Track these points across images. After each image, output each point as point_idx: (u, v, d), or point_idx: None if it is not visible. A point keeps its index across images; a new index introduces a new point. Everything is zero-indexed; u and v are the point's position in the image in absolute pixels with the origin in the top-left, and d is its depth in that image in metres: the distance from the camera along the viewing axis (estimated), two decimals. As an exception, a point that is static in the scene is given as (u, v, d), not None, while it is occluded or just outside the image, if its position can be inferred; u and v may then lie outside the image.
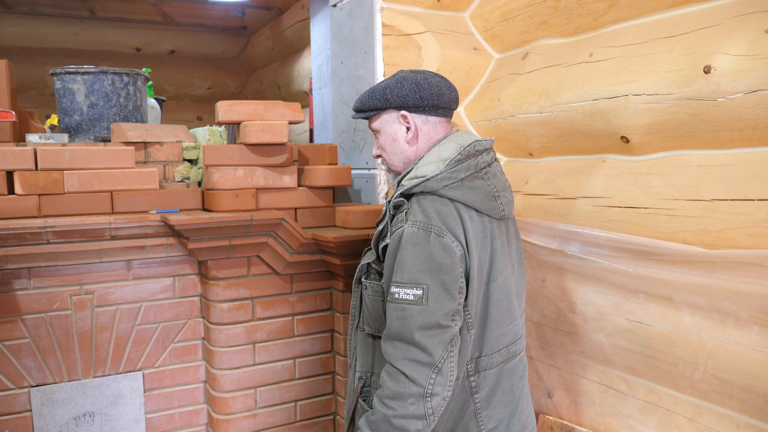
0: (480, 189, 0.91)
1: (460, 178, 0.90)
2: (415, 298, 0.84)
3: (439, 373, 0.83)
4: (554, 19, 1.33)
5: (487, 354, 0.93)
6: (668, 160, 1.08)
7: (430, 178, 0.89)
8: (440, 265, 0.84)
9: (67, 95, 1.45)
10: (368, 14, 1.50)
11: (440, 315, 0.83)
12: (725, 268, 0.95)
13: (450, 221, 0.87)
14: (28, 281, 1.24)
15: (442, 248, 0.84)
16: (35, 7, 3.20)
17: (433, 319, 0.83)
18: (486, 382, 0.93)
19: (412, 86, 0.94)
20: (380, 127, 0.99)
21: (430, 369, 0.83)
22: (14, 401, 1.25)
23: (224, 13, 3.49)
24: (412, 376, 0.83)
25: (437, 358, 0.83)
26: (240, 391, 1.40)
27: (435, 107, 0.95)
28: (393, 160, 0.99)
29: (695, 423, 1.02)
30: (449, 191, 0.89)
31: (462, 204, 0.89)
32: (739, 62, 0.92)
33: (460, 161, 0.90)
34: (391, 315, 0.86)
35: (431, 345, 0.83)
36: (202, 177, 1.46)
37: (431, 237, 0.85)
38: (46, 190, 1.24)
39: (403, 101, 0.94)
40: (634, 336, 1.11)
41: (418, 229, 0.86)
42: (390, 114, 0.97)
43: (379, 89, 0.96)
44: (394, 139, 0.97)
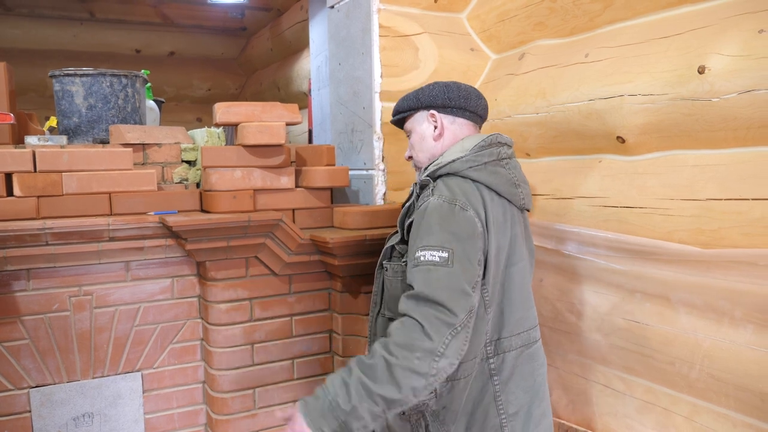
0: (501, 174, 0.96)
1: (483, 161, 0.94)
2: (441, 260, 0.84)
3: (456, 336, 0.81)
4: (550, 20, 1.33)
5: (507, 336, 0.94)
6: (663, 160, 1.08)
7: (455, 160, 0.94)
8: (464, 235, 0.86)
9: (66, 97, 1.46)
10: (365, 15, 1.51)
11: (465, 280, 0.84)
12: (720, 268, 0.95)
13: (473, 199, 0.90)
14: (27, 282, 1.25)
15: (465, 221, 0.87)
16: (35, 9, 3.21)
17: (458, 283, 0.83)
18: (506, 365, 0.94)
19: (442, 88, 1.01)
20: (411, 127, 1.05)
21: (448, 328, 0.81)
22: (13, 402, 1.26)
23: (223, 15, 3.50)
24: (429, 330, 0.80)
25: (459, 320, 0.81)
26: (239, 392, 1.40)
27: (462, 109, 1.01)
28: (420, 157, 1.04)
29: (692, 422, 1.02)
30: (473, 172, 0.93)
31: (485, 186, 0.93)
32: (733, 62, 0.92)
33: (483, 147, 0.96)
34: (414, 277, 0.85)
35: (455, 306, 0.82)
36: (200, 178, 1.47)
37: (456, 209, 0.88)
38: (44, 191, 1.25)
39: (432, 100, 1.01)
40: (631, 335, 1.11)
41: (444, 202, 0.89)
42: (420, 114, 1.03)
43: (412, 93, 1.05)
44: (423, 137, 1.03)
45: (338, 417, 0.80)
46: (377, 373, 0.80)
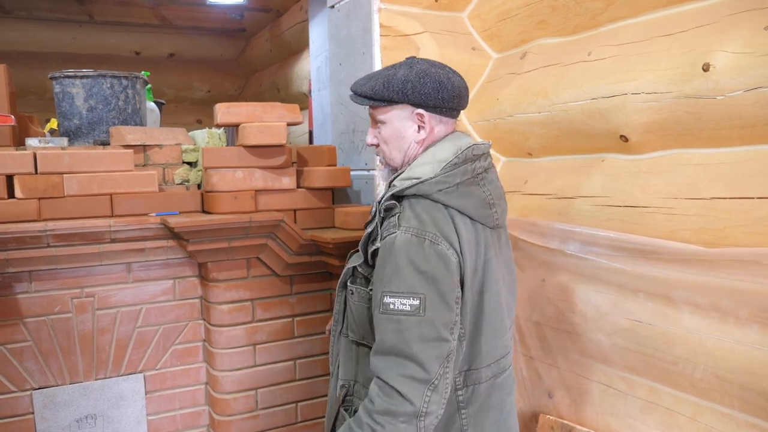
0: (475, 196, 0.87)
1: (455, 183, 0.85)
2: (411, 308, 0.78)
3: (435, 390, 0.78)
4: (552, 19, 1.33)
5: (477, 368, 0.89)
6: (667, 159, 1.08)
7: (425, 181, 0.84)
8: (436, 275, 0.79)
9: (66, 99, 1.46)
10: (366, 15, 1.50)
11: (440, 326, 0.79)
12: (724, 267, 0.95)
13: (444, 228, 0.82)
14: (29, 284, 1.25)
15: (438, 256, 0.80)
16: (34, 11, 3.21)
17: (432, 331, 0.78)
18: (475, 397, 0.88)
19: (435, 85, 0.86)
20: (387, 120, 0.90)
21: (425, 386, 0.78)
22: (16, 404, 1.26)
23: (223, 16, 3.49)
24: (407, 394, 0.77)
25: (434, 374, 0.78)
26: (241, 393, 1.40)
27: (452, 109, 0.90)
28: (394, 156, 0.92)
29: (695, 422, 1.02)
30: (443, 196, 0.84)
31: (456, 210, 0.84)
32: (737, 60, 0.91)
33: (456, 165, 0.85)
34: (384, 328, 0.80)
35: (428, 360, 0.78)
36: (201, 179, 1.46)
37: (426, 244, 0.80)
38: (45, 193, 1.25)
39: (423, 100, 0.87)
40: (634, 335, 1.11)
41: (412, 236, 0.81)
42: (404, 110, 0.89)
43: (398, 81, 0.87)
44: (401, 136, 0.90)
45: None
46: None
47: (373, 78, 0.90)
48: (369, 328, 0.88)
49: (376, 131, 0.94)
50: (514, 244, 1.37)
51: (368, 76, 0.92)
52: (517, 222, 1.35)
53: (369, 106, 0.91)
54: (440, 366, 0.79)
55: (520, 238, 1.34)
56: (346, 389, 0.93)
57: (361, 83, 0.92)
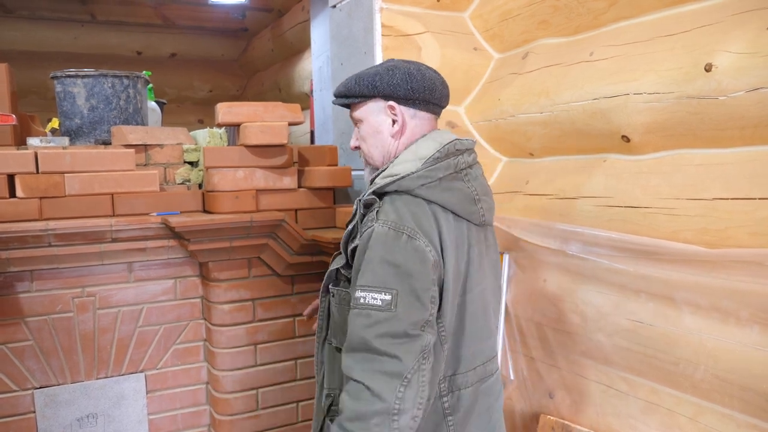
0: (459, 191, 0.84)
1: (438, 177, 0.82)
2: (382, 303, 0.74)
3: (409, 385, 0.72)
4: (554, 19, 1.33)
5: (463, 372, 0.85)
6: (669, 159, 1.08)
7: (405, 176, 0.81)
8: (411, 270, 0.76)
9: (68, 98, 1.46)
10: (367, 15, 1.50)
11: (407, 324, 0.74)
12: (726, 268, 0.95)
13: (424, 224, 0.79)
14: (30, 284, 1.25)
15: (414, 251, 0.76)
16: (35, 11, 3.21)
17: (400, 328, 0.74)
18: (461, 403, 0.85)
19: (404, 76, 0.86)
20: (363, 117, 0.90)
21: (398, 381, 0.72)
22: (18, 403, 1.26)
23: (225, 16, 3.50)
24: (377, 390, 0.72)
25: (407, 367, 0.73)
26: (242, 392, 1.40)
27: (425, 102, 0.87)
28: (373, 153, 0.90)
29: (696, 423, 1.02)
30: (425, 191, 0.81)
31: (439, 206, 0.81)
32: (740, 60, 0.91)
33: (438, 159, 0.83)
34: (353, 322, 0.76)
35: (399, 352, 0.73)
36: (202, 179, 1.46)
37: (402, 238, 0.76)
38: (47, 193, 1.25)
39: (392, 90, 0.86)
40: (635, 336, 1.11)
41: (389, 229, 0.77)
42: (377, 103, 0.88)
43: (368, 75, 0.87)
44: (378, 131, 0.88)
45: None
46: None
47: (349, 79, 0.91)
48: None
49: (356, 132, 0.93)
50: (515, 244, 1.37)
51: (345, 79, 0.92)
52: (518, 222, 1.35)
53: (346, 105, 0.91)
54: (414, 360, 0.74)
55: (521, 238, 1.34)
56: (331, 398, 0.89)
57: (339, 85, 0.93)
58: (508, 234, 1.35)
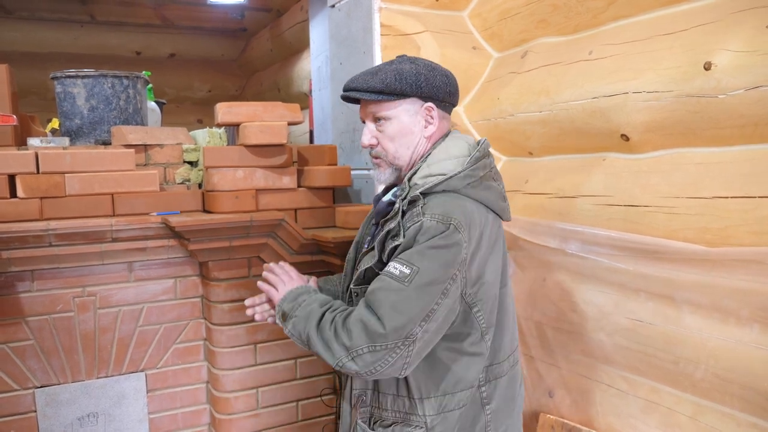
0: (494, 189, 0.88)
1: (480, 176, 0.84)
2: (400, 274, 0.76)
3: (374, 351, 0.75)
4: (553, 18, 1.32)
5: (499, 362, 0.89)
6: (668, 158, 1.08)
7: (453, 176, 0.82)
8: (440, 260, 0.77)
9: (68, 99, 1.46)
10: (366, 14, 1.50)
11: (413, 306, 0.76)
12: (726, 266, 0.94)
13: (476, 219, 0.81)
14: (31, 284, 1.25)
15: (452, 243, 0.78)
16: (35, 12, 3.22)
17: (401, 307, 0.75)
18: (497, 392, 0.88)
19: (444, 78, 0.86)
20: (394, 115, 0.86)
21: (369, 341, 0.76)
22: (19, 402, 1.26)
23: (223, 16, 3.50)
24: (352, 331, 0.77)
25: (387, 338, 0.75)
26: (242, 392, 1.40)
27: (452, 105, 0.91)
28: (402, 153, 0.87)
29: (696, 421, 1.02)
30: (471, 190, 0.83)
31: (483, 205, 0.85)
32: (739, 58, 0.91)
33: (478, 159, 0.85)
34: (373, 284, 0.80)
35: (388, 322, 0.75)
36: (202, 179, 1.47)
37: (450, 229, 0.78)
38: (47, 193, 1.25)
39: (434, 92, 0.85)
40: (635, 335, 1.11)
41: (438, 222, 0.79)
42: (413, 103, 0.86)
43: (410, 73, 0.84)
44: (410, 131, 0.86)
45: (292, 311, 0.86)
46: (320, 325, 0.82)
47: (379, 72, 0.86)
48: None
49: (373, 129, 0.88)
50: (515, 243, 1.37)
51: (370, 71, 0.87)
52: (517, 221, 1.35)
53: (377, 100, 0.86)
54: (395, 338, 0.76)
55: (520, 237, 1.34)
56: (362, 399, 0.89)
57: (364, 79, 0.86)
58: (507, 233, 1.35)
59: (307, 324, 0.83)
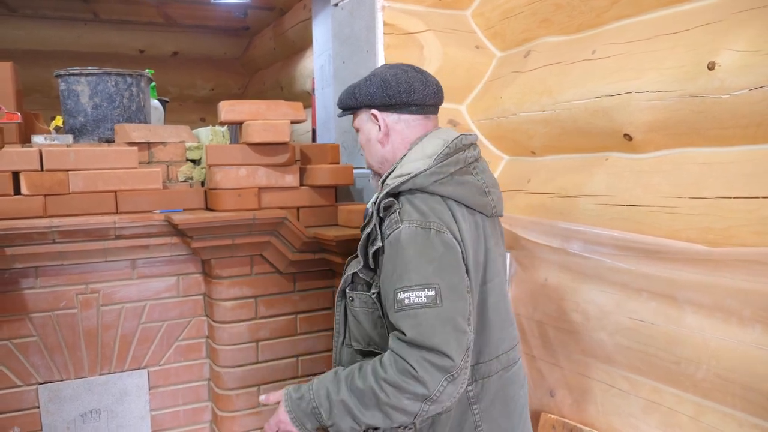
0: (470, 184, 0.86)
1: (450, 172, 0.84)
2: (428, 300, 0.76)
3: (453, 381, 0.75)
4: (556, 17, 1.32)
5: (486, 360, 0.87)
6: (671, 158, 1.07)
7: (418, 174, 0.83)
8: (446, 264, 0.78)
9: (72, 97, 1.47)
10: (369, 13, 1.50)
11: (458, 316, 0.76)
12: (729, 267, 0.94)
13: (445, 218, 0.81)
14: (35, 280, 1.26)
15: (444, 246, 0.79)
16: (39, 10, 3.22)
17: (451, 322, 0.76)
18: (485, 391, 0.87)
19: (380, 84, 0.90)
20: (359, 126, 0.96)
21: (444, 374, 0.74)
22: (22, 398, 1.27)
23: (226, 14, 3.50)
24: (423, 378, 0.74)
25: (456, 364, 0.74)
26: (244, 389, 1.41)
27: (406, 105, 0.90)
28: (368, 160, 0.97)
29: (697, 422, 1.02)
30: (439, 187, 0.83)
31: (453, 200, 0.84)
32: (743, 58, 0.91)
33: (448, 155, 0.85)
34: (403, 324, 0.77)
35: (452, 349, 0.74)
36: (205, 177, 1.47)
37: (432, 234, 0.79)
38: (51, 190, 1.26)
39: (370, 100, 0.91)
40: (637, 334, 1.11)
41: (417, 228, 0.79)
42: (364, 113, 0.94)
43: (352, 87, 0.94)
44: (368, 139, 0.94)
45: (320, 421, 0.83)
46: (365, 401, 0.78)
47: (344, 91, 0.96)
48: (374, 334, 0.87)
49: None
50: (516, 243, 1.37)
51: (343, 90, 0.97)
52: (519, 221, 1.35)
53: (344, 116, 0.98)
54: (462, 357, 0.76)
55: (522, 236, 1.34)
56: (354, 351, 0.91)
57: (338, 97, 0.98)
58: (509, 232, 1.35)
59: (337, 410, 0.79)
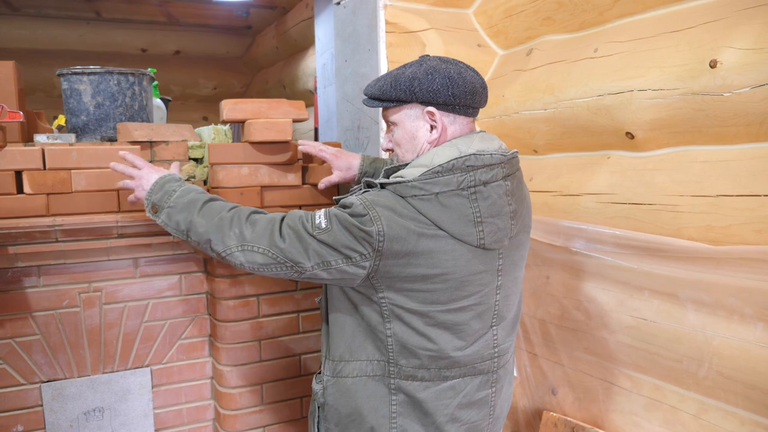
0: (454, 210, 0.80)
1: (434, 192, 0.79)
2: (318, 222, 0.83)
3: (267, 258, 0.84)
4: (559, 15, 1.32)
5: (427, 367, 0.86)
6: (673, 156, 1.07)
7: (403, 183, 0.81)
8: (352, 238, 0.80)
9: (74, 96, 1.47)
10: (372, 12, 1.50)
11: (314, 256, 0.82)
12: (730, 265, 0.94)
13: (398, 232, 0.79)
14: (37, 279, 1.26)
15: (360, 231, 0.79)
16: (42, 9, 3.23)
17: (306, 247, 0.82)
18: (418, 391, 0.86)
19: (445, 81, 0.82)
20: (398, 121, 0.87)
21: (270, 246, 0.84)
22: (26, 396, 1.28)
23: (229, 13, 3.50)
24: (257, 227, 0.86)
25: (284, 257, 0.83)
26: (246, 387, 1.41)
27: (466, 107, 0.85)
28: (407, 159, 0.89)
29: (700, 420, 1.02)
30: (417, 202, 0.80)
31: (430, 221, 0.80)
32: (746, 56, 0.91)
33: (438, 174, 0.80)
34: (296, 210, 0.90)
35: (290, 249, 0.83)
36: (207, 175, 1.47)
37: (365, 218, 0.80)
38: (54, 189, 1.26)
39: (432, 97, 0.83)
40: (639, 333, 1.11)
41: (361, 204, 0.81)
42: (414, 108, 0.85)
43: (405, 79, 0.84)
44: (414, 136, 0.87)
45: (162, 201, 0.92)
46: (212, 212, 0.89)
47: (381, 78, 0.88)
48: (335, 304, 0.93)
49: (389, 134, 0.91)
50: (518, 242, 1.36)
51: (378, 77, 0.90)
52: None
53: (377, 106, 0.89)
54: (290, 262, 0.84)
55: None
56: (320, 365, 0.99)
57: (371, 85, 0.90)
58: (511, 231, 1.35)
59: (190, 211, 0.89)
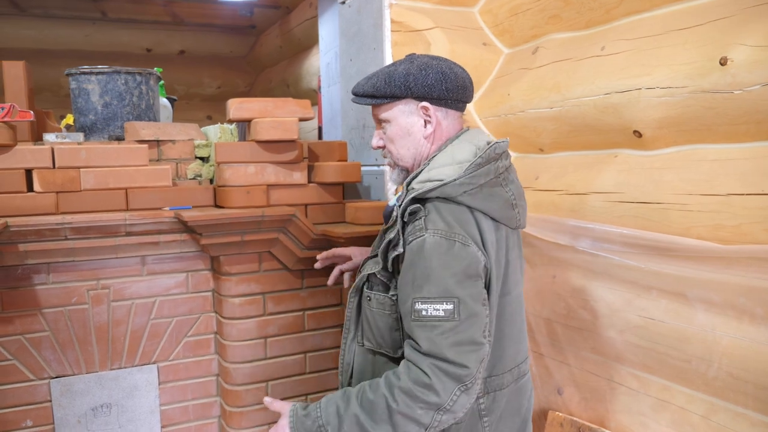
0: (499, 196, 0.84)
1: (480, 184, 0.82)
2: (446, 313, 0.76)
3: (466, 391, 0.75)
4: (565, 13, 1.31)
5: (498, 373, 0.87)
6: (682, 155, 1.07)
7: (448, 183, 0.81)
8: (468, 276, 0.77)
9: (82, 95, 1.48)
10: (377, 11, 1.50)
11: (474, 330, 0.77)
12: (741, 264, 0.94)
13: (471, 230, 0.80)
14: (47, 276, 1.28)
15: (468, 258, 0.78)
16: (48, 9, 3.26)
17: (467, 336, 0.76)
18: (497, 404, 0.86)
19: (438, 76, 0.84)
20: (392, 117, 0.88)
21: (457, 383, 0.75)
22: (35, 392, 1.29)
23: (233, 13, 3.51)
24: (436, 385, 0.74)
25: (470, 373, 0.75)
26: (252, 385, 1.42)
27: (457, 101, 0.87)
28: (403, 155, 0.89)
29: (708, 421, 1.01)
30: (467, 198, 0.81)
31: (480, 212, 0.82)
32: (756, 53, 0.90)
33: (480, 165, 0.82)
34: (418, 335, 0.77)
35: (466, 360, 0.75)
36: (213, 174, 1.48)
37: (456, 247, 0.78)
38: (63, 187, 1.27)
39: (427, 91, 0.84)
40: (646, 332, 1.10)
41: (441, 238, 0.78)
42: (408, 104, 0.86)
43: (399, 75, 0.84)
44: (409, 132, 0.87)
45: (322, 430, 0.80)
46: (376, 413, 0.77)
47: (373, 76, 0.88)
48: (388, 336, 0.87)
49: (380, 132, 0.91)
50: (524, 240, 1.36)
51: (368, 75, 0.89)
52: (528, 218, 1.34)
53: (372, 105, 0.89)
54: (476, 368, 0.76)
55: (530, 234, 1.34)
56: None
57: (361, 83, 0.90)
58: (517, 230, 1.34)
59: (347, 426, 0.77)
